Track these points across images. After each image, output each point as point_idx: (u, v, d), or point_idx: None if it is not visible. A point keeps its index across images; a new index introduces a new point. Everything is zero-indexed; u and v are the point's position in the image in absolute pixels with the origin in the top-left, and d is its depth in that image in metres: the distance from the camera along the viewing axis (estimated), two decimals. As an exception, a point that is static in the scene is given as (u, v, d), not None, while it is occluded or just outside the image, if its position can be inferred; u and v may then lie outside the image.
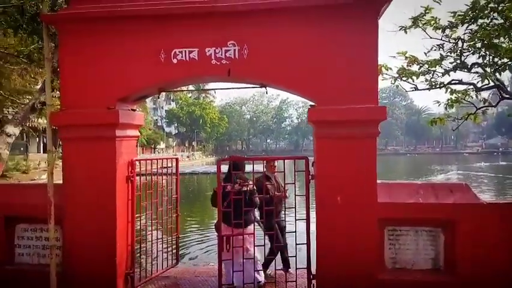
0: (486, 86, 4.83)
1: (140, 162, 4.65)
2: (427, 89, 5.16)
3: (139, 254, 5.03)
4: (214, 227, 6.12)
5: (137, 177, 4.56)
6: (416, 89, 5.28)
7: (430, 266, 4.04)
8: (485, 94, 6.00)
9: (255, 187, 4.56)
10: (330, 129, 4.07)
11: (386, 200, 4.02)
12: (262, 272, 4.65)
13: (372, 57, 4.03)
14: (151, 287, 4.65)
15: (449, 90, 5.51)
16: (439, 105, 6.05)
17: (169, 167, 5.24)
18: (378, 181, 4.10)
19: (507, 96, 5.24)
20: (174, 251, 5.34)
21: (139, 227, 4.93)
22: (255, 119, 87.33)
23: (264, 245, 4.63)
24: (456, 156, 63.66)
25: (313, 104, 4.16)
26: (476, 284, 3.89)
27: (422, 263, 4.05)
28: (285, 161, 4.36)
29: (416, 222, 4.05)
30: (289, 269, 5.15)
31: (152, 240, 4.88)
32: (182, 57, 4.17)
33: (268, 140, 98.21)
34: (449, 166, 41.70)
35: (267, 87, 4.51)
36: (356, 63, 4.02)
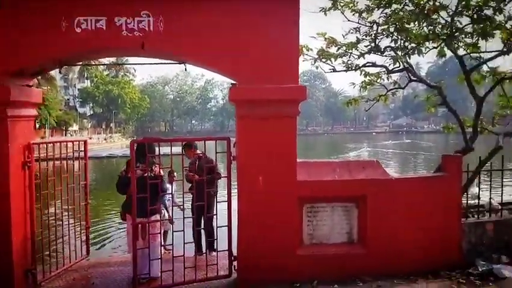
0: (397, 69, 5.14)
1: (40, 146, 4.11)
2: (344, 70, 5.33)
3: (47, 247, 4.52)
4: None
5: (45, 163, 4.04)
6: (334, 70, 5.43)
7: (345, 240, 4.25)
8: (394, 76, 6.43)
9: (161, 171, 4.28)
10: (251, 109, 3.98)
11: (305, 179, 4.10)
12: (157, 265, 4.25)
13: (293, 38, 4.00)
14: (58, 283, 4.22)
15: (363, 72, 5.78)
16: (354, 87, 6.35)
17: (78, 150, 4.73)
18: (298, 160, 4.15)
19: (414, 78, 5.65)
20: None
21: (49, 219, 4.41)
22: (179, 99, 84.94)
23: (183, 230, 4.44)
24: (367, 135, 69.33)
25: (234, 82, 4.02)
26: (386, 255, 4.19)
27: (337, 237, 4.24)
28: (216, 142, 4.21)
29: (333, 199, 4.20)
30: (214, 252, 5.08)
31: (56, 232, 4.41)
32: (87, 26, 3.71)
33: (193, 121, 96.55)
34: (361, 144, 45.19)
35: (187, 64, 4.25)
36: (277, 43, 3.96)
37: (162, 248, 4.55)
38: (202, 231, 5.49)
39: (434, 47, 5.85)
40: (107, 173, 21.75)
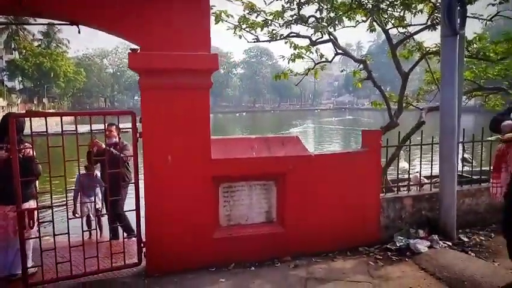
0: (320, 40, 4.91)
1: None
2: (268, 41, 5.01)
3: None
4: None
5: None
6: (258, 40, 5.09)
7: (264, 220, 4.04)
8: (326, 50, 6.25)
9: (33, 152, 3.69)
10: (157, 79, 3.53)
11: (220, 157, 3.78)
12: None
13: (204, 1, 3.57)
14: None
15: (292, 45, 5.51)
16: (283, 59, 6.07)
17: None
18: (212, 137, 3.81)
19: (340, 51, 5.49)
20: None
21: None
22: (119, 73, 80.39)
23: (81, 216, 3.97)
24: (312, 112, 70.99)
25: (136, 48, 3.52)
26: (305, 233, 4.05)
27: (256, 217, 4.01)
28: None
29: (250, 177, 3.94)
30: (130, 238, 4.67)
31: None
32: None
33: (135, 97, 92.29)
34: (305, 121, 46.06)
35: (80, 26, 3.65)
36: (185, 6, 3.50)
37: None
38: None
39: (363, 21, 5.73)
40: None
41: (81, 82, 67.77)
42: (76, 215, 4.87)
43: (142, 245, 3.83)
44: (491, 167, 2.91)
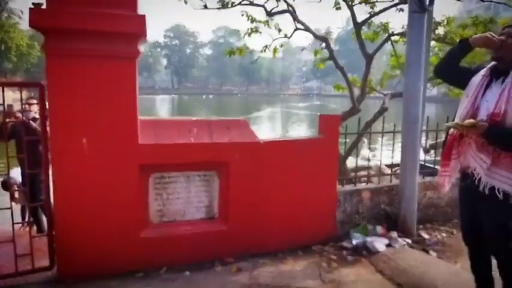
0: (277, 11, 4.34)
1: None
2: (218, 8, 4.37)
3: None
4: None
5: None
6: (206, 7, 4.43)
7: (204, 216, 3.48)
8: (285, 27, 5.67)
9: None
10: (67, 43, 2.82)
11: (150, 141, 3.15)
12: None
13: None
14: None
15: (249, 18, 4.91)
16: (240, 35, 5.45)
17: None
18: (141, 117, 3.17)
19: (301, 27, 4.94)
20: None
21: None
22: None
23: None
24: (280, 97, 70.69)
25: (38, 2, 2.77)
26: (252, 231, 3.55)
27: (194, 212, 3.45)
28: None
29: (188, 166, 3.35)
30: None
31: None
32: None
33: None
34: (274, 105, 45.63)
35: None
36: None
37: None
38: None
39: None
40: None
41: (35, 57, 63.35)
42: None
43: (54, 245, 3.17)
44: (441, 155, 2.49)
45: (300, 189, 3.68)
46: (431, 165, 5.24)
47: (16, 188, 4.69)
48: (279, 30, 5.08)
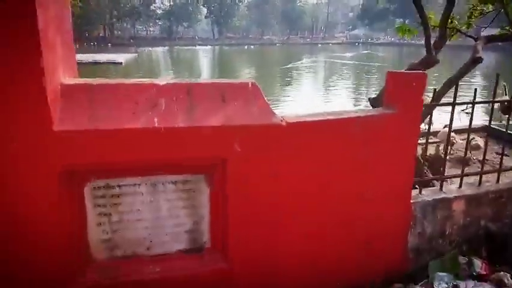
0: None
1: None
2: None
3: None
4: None
5: None
6: None
7: (185, 246, 2.09)
8: None
9: None
10: None
11: (78, 127, 1.73)
12: None
13: None
14: None
15: None
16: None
17: None
18: (67, 81, 1.75)
19: None
20: None
21: None
22: (117, -1, 74.68)
23: None
24: (324, 46, 66.31)
25: None
26: (268, 271, 2.15)
27: (168, 241, 2.07)
28: None
29: (154, 168, 1.93)
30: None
31: None
32: None
33: (138, 26, 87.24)
34: (317, 55, 42.51)
35: None
36: None
37: None
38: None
39: None
40: None
41: (76, 7, 63.15)
42: None
43: None
44: None
45: (346, 200, 2.18)
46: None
47: None
48: None
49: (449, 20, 4.36)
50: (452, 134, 5.52)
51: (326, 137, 2.08)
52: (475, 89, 2.55)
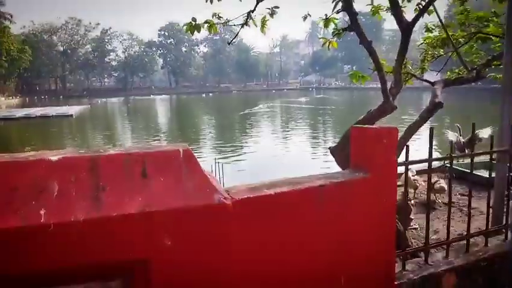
0: None
1: None
2: None
3: None
4: None
5: None
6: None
7: None
8: None
9: None
10: None
11: None
12: None
13: None
14: None
15: None
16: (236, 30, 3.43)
17: None
18: None
19: None
20: None
21: None
22: (70, 51, 73.77)
23: None
24: (279, 92, 68.41)
25: None
26: None
27: None
28: None
29: (39, 280, 1.34)
30: None
31: None
32: None
33: (92, 78, 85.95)
34: (273, 100, 43.38)
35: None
36: None
37: None
38: None
39: None
40: None
41: (27, 61, 61.32)
42: None
43: None
44: None
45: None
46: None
47: None
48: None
49: (404, 65, 4.25)
50: (415, 176, 5.32)
51: (284, 214, 1.61)
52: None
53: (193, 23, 3.13)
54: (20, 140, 19.97)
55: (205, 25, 3.30)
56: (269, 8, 3.17)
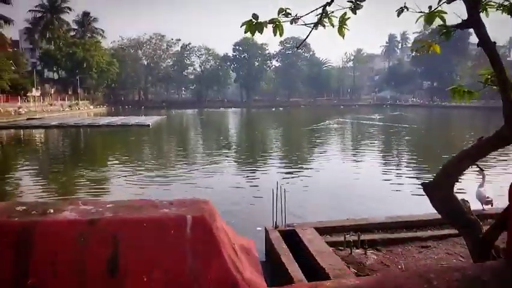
0: None
1: None
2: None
3: None
4: None
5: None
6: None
7: None
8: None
9: None
10: None
11: None
12: None
13: None
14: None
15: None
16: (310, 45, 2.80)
17: None
18: None
19: None
20: None
21: None
22: (153, 65, 79.23)
23: None
24: (350, 108, 65.97)
25: None
26: None
27: None
28: None
29: None
30: None
31: None
32: None
33: (171, 90, 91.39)
34: (344, 116, 41.75)
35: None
36: None
37: None
38: None
39: None
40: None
41: (114, 73, 67.00)
42: None
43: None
44: None
45: None
46: None
47: None
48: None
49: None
50: None
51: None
52: None
53: (254, 21, 2.49)
54: (103, 145, 21.57)
55: (269, 25, 2.64)
56: (351, 1, 2.43)
